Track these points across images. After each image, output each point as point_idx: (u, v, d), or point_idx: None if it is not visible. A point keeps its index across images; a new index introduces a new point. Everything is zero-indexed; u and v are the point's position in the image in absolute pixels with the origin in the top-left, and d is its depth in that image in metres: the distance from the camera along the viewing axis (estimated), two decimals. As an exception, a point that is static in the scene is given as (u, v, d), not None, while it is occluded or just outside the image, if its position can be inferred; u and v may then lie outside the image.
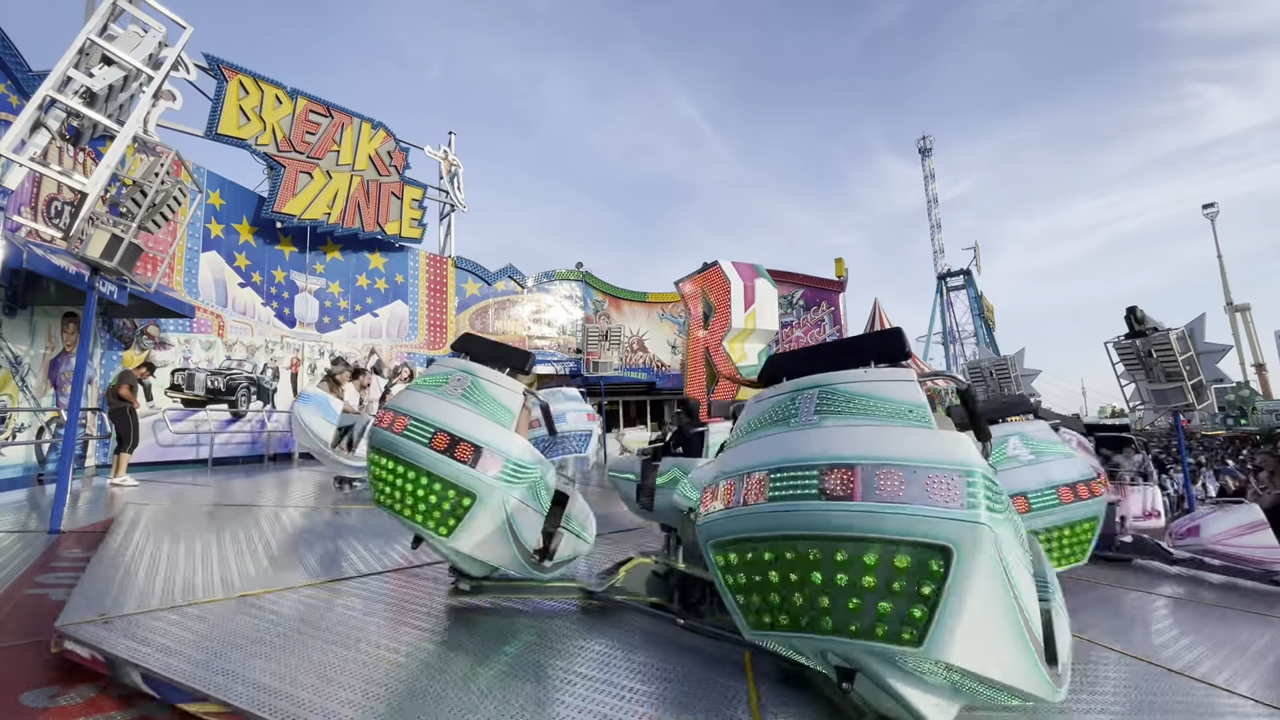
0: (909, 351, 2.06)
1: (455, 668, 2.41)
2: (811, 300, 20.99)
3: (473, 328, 16.62)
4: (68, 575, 3.60)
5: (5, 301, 7.15)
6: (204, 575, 3.46)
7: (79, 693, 2.25)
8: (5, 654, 2.55)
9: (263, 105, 12.40)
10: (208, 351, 11.11)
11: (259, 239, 12.74)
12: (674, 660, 2.58)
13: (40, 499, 6.46)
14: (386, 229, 14.46)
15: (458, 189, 16.89)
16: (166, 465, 9.67)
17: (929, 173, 44.75)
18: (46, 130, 4.45)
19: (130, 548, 4.04)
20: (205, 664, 2.27)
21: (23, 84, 7.85)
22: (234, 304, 12.01)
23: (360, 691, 2.14)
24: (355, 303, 14.35)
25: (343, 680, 2.22)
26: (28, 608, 3.07)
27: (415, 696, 2.14)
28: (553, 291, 18.72)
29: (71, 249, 5.13)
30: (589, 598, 3.21)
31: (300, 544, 4.53)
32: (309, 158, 13.10)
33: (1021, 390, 10.16)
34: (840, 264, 21.14)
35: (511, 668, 2.44)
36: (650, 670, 2.47)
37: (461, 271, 16.61)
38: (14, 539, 4.51)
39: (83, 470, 8.75)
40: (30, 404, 7.59)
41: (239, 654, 2.39)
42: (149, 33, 4.96)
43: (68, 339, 8.19)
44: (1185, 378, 6.98)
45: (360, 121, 14.08)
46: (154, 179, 5.50)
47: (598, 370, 16.92)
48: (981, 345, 37.28)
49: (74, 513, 5.55)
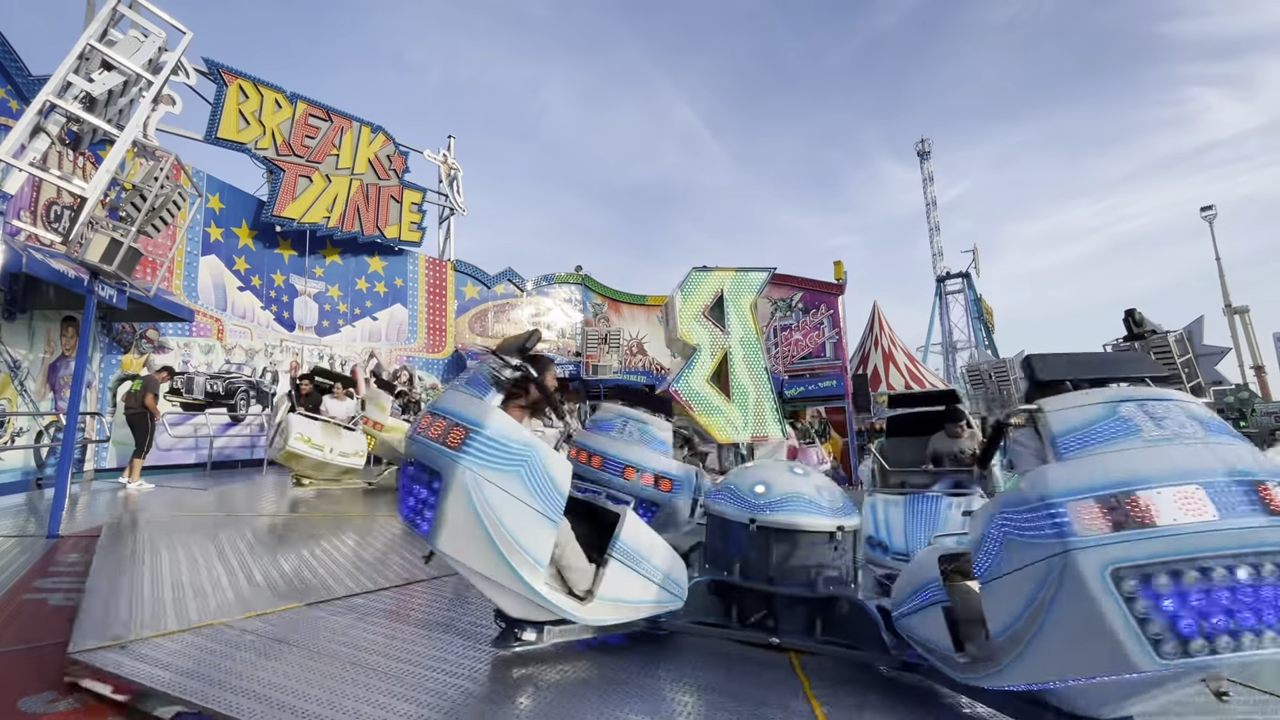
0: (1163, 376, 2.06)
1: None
2: (810, 303, 21.00)
3: (472, 331, 16.63)
4: (66, 580, 3.59)
5: (4, 305, 7.15)
6: (215, 594, 3.41)
7: (77, 698, 2.24)
8: (4, 659, 2.55)
9: (262, 109, 12.42)
10: (207, 355, 11.11)
11: (258, 243, 12.74)
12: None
13: (39, 503, 6.45)
14: (386, 232, 14.47)
15: (457, 192, 16.91)
16: (165, 469, 9.66)
17: (927, 175, 44.82)
18: (46, 135, 4.46)
19: (130, 558, 4.04)
20: (229, 686, 2.23)
21: (23, 89, 7.86)
22: (233, 308, 12.02)
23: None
24: (354, 306, 14.35)
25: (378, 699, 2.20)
26: (26, 613, 3.07)
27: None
28: (552, 295, 18.73)
29: (71, 253, 5.14)
30: (652, 624, 2.83)
31: (305, 556, 4.52)
32: (308, 161, 13.12)
33: (1020, 392, 10.14)
34: (839, 267, 21.16)
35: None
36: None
37: (461, 275, 16.62)
38: (12, 543, 4.50)
39: (81, 474, 8.74)
40: (29, 408, 7.59)
41: (261, 673, 2.36)
42: (149, 38, 4.97)
43: (67, 343, 8.19)
44: (1184, 380, 6.98)
45: (360, 125, 14.10)
46: (153, 183, 5.51)
47: (597, 373, 16.93)
48: (980, 348, 37.30)
49: (72, 517, 5.54)
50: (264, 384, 11.82)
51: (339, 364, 13.57)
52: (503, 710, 2.19)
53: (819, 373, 20.26)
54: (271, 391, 11.89)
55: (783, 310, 21.43)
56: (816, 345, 20.69)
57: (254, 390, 11.60)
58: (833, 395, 18.70)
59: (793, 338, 21.02)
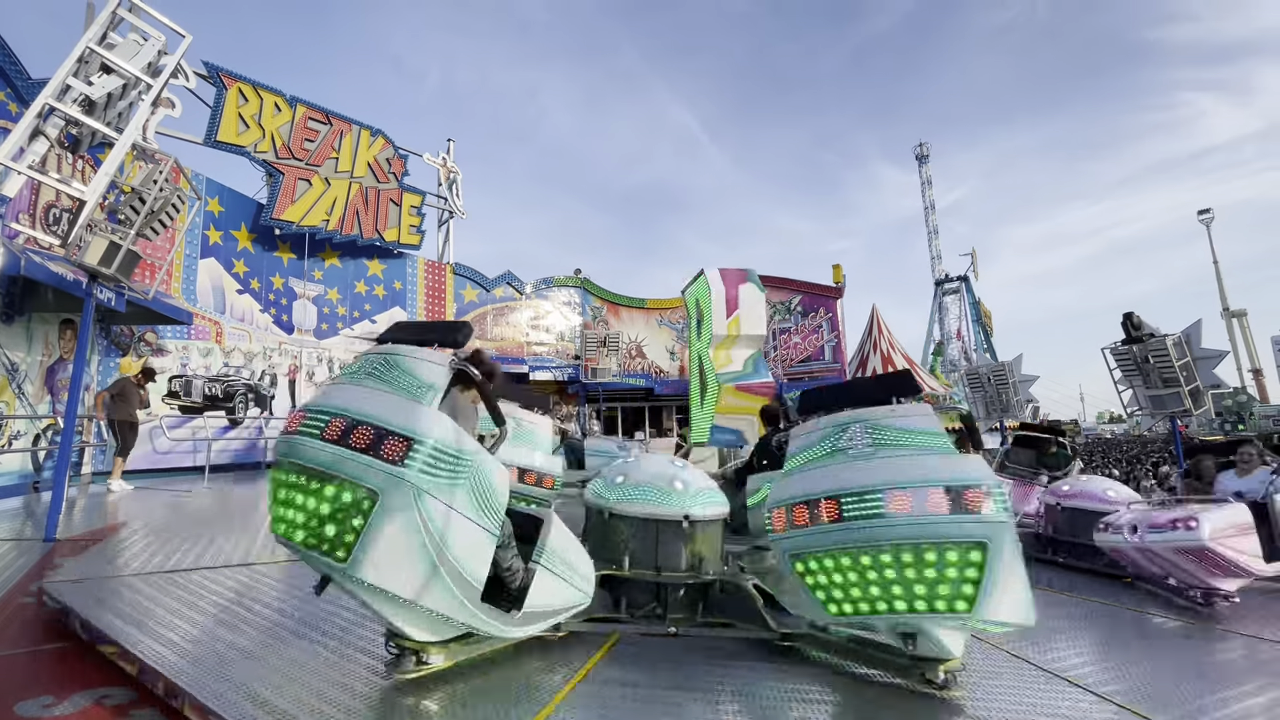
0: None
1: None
2: (809, 306, 21.04)
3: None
4: (64, 584, 3.57)
5: (3, 308, 7.14)
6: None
7: (72, 703, 2.23)
8: (0, 663, 2.54)
9: (262, 112, 12.43)
10: (205, 358, 11.08)
11: (257, 246, 12.74)
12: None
13: (36, 506, 6.42)
14: (385, 235, 14.48)
15: (456, 196, 16.92)
16: (163, 472, 9.63)
17: (926, 179, 44.94)
18: (45, 138, 4.46)
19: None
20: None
21: (22, 91, 7.87)
22: (232, 310, 12.00)
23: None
24: (353, 309, 14.35)
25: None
26: (22, 616, 3.05)
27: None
28: (551, 298, 18.74)
29: (70, 256, 5.13)
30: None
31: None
32: (308, 165, 13.13)
33: (1019, 396, 10.15)
34: (838, 270, 21.20)
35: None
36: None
37: (460, 278, 16.63)
38: (9, 547, 4.48)
39: (79, 477, 8.71)
40: (27, 411, 7.56)
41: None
42: (148, 41, 4.97)
43: (65, 346, 8.17)
44: (1182, 383, 6.98)
45: (359, 128, 14.12)
46: (152, 186, 5.50)
47: (596, 376, 16.92)
48: (979, 351, 37.33)
49: (69, 520, 5.52)
50: (262, 387, 11.79)
51: (337, 367, 13.57)
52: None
53: (818, 375, 20.28)
54: (270, 395, 11.87)
55: (782, 313, 21.46)
56: (815, 348, 20.72)
57: (252, 393, 11.57)
58: (832, 398, 18.69)
59: (792, 341, 21.04)
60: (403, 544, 1.92)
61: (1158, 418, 7.76)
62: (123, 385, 7.97)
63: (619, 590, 3.21)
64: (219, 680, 2.23)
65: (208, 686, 2.17)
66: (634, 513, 3.17)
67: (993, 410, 10.52)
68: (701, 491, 3.32)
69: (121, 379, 8.19)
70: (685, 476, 3.35)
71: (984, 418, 10.69)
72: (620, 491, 3.26)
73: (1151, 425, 27.44)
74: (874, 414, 2.48)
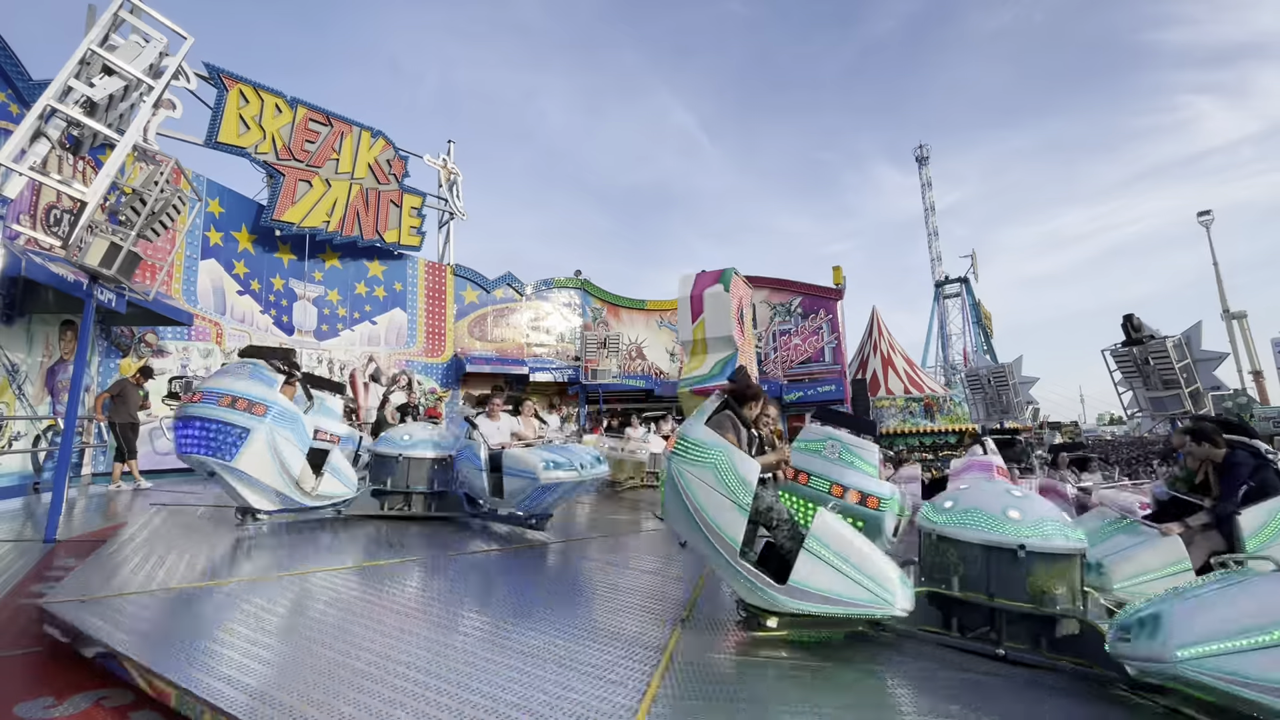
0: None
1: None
2: (809, 308, 21.03)
3: (471, 335, 16.63)
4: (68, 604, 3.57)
5: (3, 309, 7.14)
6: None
7: (72, 704, 2.23)
8: (0, 663, 2.54)
9: (262, 114, 12.45)
10: (206, 359, 11.09)
11: (258, 247, 12.75)
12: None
13: (36, 508, 6.42)
14: (385, 237, 14.49)
15: (457, 197, 16.93)
16: (163, 473, 9.63)
17: (926, 180, 44.97)
18: (47, 139, 4.46)
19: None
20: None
21: (23, 93, 7.88)
22: (232, 311, 12.01)
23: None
24: (354, 310, 14.35)
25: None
26: (22, 618, 3.05)
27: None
28: (551, 299, 18.74)
29: (70, 257, 5.14)
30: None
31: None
32: (308, 166, 13.15)
33: (1020, 398, 10.17)
34: (838, 272, 21.20)
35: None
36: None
37: (460, 279, 16.63)
38: (9, 548, 4.48)
39: (79, 479, 8.71)
40: (27, 412, 7.57)
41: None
42: (150, 43, 4.98)
43: (65, 347, 8.18)
44: (1182, 385, 6.99)
45: (360, 130, 14.13)
46: (153, 187, 5.51)
47: (596, 377, 16.92)
48: (979, 353, 37.31)
49: (70, 521, 5.52)
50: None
51: (337, 369, 13.57)
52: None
53: (818, 377, 20.27)
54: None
55: (782, 315, 21.46)
56: (815, 350, 20.71)
57: (252, 394, 11.58)
58: (832, 400, 18.69)
59: (791, 342, 21.03)
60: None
61: (1158, 420, 7.76)
62: (122, 386, 7.98)
63: (952, 610, 3.33)
64: (219, 680, 2.22)
65: (208, 686, 2.16)
66: (961, 537, 3.28)
67: (993, 411, 10.52)
68: (1044, 522, 3.20)
69: (120, 380, 8.20)
70: (1024, 506, 3.31)
71: (984, 419, 10.69)
72: (947, 516, 3.42)
73: (1152, 427, 27.40)
74: (846, 439, 4.32)
